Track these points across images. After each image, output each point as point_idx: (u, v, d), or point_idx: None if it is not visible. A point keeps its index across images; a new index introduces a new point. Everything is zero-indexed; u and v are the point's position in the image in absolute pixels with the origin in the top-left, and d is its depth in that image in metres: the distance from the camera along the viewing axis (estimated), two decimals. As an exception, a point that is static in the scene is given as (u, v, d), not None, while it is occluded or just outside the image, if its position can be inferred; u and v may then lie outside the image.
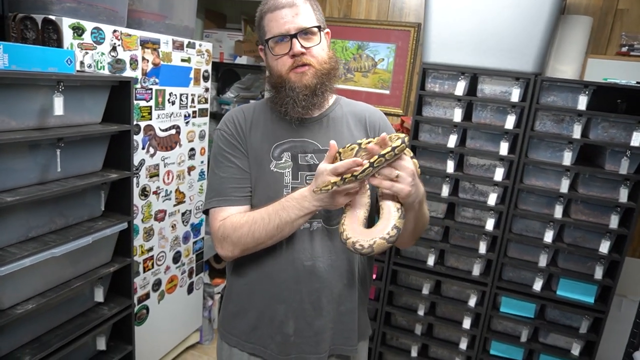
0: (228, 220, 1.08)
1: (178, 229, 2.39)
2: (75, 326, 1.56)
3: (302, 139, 1.14)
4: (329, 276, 1.13)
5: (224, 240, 1.08)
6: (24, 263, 1.30)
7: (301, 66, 1.08)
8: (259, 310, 1.16)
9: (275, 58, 1.09)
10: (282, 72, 1.09)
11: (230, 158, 1.14)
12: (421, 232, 1.14)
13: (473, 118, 2.12)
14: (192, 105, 2.34)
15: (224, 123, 1.18)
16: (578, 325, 2.08)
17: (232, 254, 1.10)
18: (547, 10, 1.89)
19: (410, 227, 1.06)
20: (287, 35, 1.06)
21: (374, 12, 2.70)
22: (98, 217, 1.65)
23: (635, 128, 1.85)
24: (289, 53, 1.07)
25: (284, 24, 1.06)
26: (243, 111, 1.19)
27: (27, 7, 1.63)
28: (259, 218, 1.05)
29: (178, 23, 2.29)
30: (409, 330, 2.39)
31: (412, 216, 1.03)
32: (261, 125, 1.16)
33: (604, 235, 1.97)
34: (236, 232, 1.06)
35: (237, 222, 1.07)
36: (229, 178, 1.13)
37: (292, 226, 1.03)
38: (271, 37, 1.08)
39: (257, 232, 1.04)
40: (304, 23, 1.07)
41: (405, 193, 0.93)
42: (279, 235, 1.05)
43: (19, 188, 1.34)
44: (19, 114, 1.30)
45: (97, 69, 1.74)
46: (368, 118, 1.20)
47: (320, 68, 1.09)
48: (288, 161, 1.13)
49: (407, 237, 1.12)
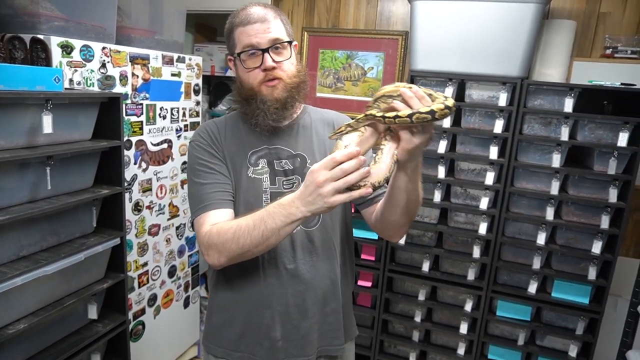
0: (214, 228, 1.06)
1: (173, 242, 2.38)
2: (69, 344, 1.55)
3: (275, 146, 1.17)
4: (312, 277, 1.15)
5: (209, 248, 1.05)
6: (15, 282, 1.30)
7: (272, 80, 1.10)
8: (245, 318, 1.16)
9: (247, 71, 1.11)
10: (254, 85, 1.11)
11: (209, 165, 1.14)
12: (413, 212, 1.06)
13: (462, 123, 2.14)
14: (183, 119, 2.35)
15: (197, 135, 1.18)
16: (574, 327, 2.09)
17: (218, 262, 1.06)
18: (530, 16, 1.92)
19: (402, 200, 1.00)
20: (258, 49, 1.08)
21: (362, 22, 2.73)
22: (90, 233, 1.65)
23: (622, 129, 1.87)
24: (260, 67, 1.09)
25: (255, 38, 1.08)
26: (215, 123, 1.20)
27: (15, 27, 1.65)
28: (244, 224, 1.01)
29: (167, 38, 2.31)
30: (407, 337, 2.39)
31: (404, 184, 0.97)
32: (235, 135, 1.18)
33: (596, 236, 1.98)
34: (220, 238, 1.03)
35: (222, 228, 1.04)
36: (211, 184, 1.12)
37: (278, 235, 0.98)
38: (243, 51, 1.10)
39: (241, 239, 1.00)
40: (274, 37, 1.09)
41: (418, 143, 0.88)
42: (264, 243, 1.00)
43: (9, 207, 1.34)
44: (7, 133, 1.31)
45: (87, 86, 1.75)
46: (335, 122, 1.24)
47: (290, 82, 1.12)
48: (265, 167, 1.15)
49: (398, 215, 1.05)
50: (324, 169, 0.89)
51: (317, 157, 1.17)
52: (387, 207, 1.06)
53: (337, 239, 1.20)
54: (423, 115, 0.83)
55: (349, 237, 1.27)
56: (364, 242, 2.35)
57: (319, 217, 1.16)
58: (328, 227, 1.17)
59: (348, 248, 1.26)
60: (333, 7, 2.77)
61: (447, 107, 0.83)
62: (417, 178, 0.98)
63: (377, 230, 1.18)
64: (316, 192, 0.90)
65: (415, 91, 0.87)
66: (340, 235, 1.21)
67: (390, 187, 1.02)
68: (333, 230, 1.19)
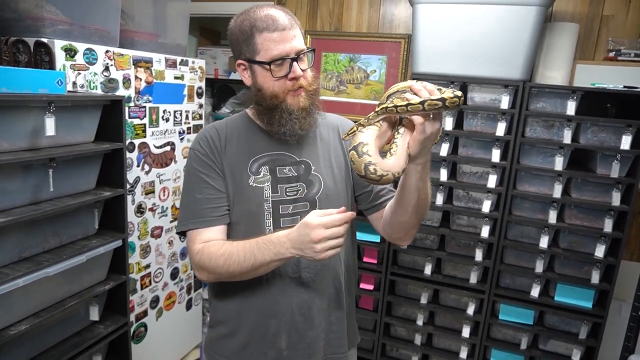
0: (206, 249, 1.08)
1: (175, 245, 2.39)
2: (70, 346, 1.55)
3: (278, 152, 1.15)
4: (316, 286, 1.14)
5: (201, 269, 1.10)
6: (18, 283, 1.31)
7: (298, 89, 1.09)
8: (250, 328, 1.15)
9: (275, 80, 1.08)
10: (279, 94, 1.09)
11: (204, 179, 1.13)
12: (423, 213, 1.06)
13: (464, 126, 2.14)
14: (186, 122, 2.36)
15: (197, 142, 1.17)
16: (577, 331, 2.07)
17: (208, 280, 1.12)
18: (532, 19, 1.92)
19: (413, 199, 1.01)
20: (287, 58, 1.06)
21: (365, 25, 2.73)
22: (92, 235, 1.66)
23: (625, 132, 1.86)
24: (288, 76, 1.08)
25: (284, 47, 1.06)
26: (216, 128, 1.19)
27: (19, 30, 1.66)
28: (234, 253, 1.04)
29: (171, 41, 2.32)
30: (409, 340, 2.38)
31: (415, 182, 0.98)
32: (235, 141, 1.16)
33: (599, 239, 1.97)
34: (211, 263, 1.07)
35: (214, 252, 1.07)
36: (205, 199, 1.12)
37: (267, 267, 1.03)
38: (272, 60, 1.06)
39: (231, 267, 1.05)
40: (300, 46, 1.08)
41: (430, 132, 0.89)
42: (253, 273, 1.05)
43: (12, 209, 1.35)
44: (10, 135, 1.32)
45: (90, 89, 1.77)
46: (340, 126, 1.24)
47: (310, 89, 1.12)
48: (267, 175, 1.13)
49: (408, 216, 1.05)
50: (323, 227, 0.94)
51: (321, 163, 1.17)
52: (398, 208, 1.06)
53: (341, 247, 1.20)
54: (434, 102, 0.86)
55: (353, 244, 1.26)
56: (366, 245, 2.34)
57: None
58: None
59: (352, 255, 1.26)
60: (336, 10, 2.77)
61: (456, 97, 0.87)
62: (426, 176, 1.00)
63: (386, 234, 1.17)
64: (310, 245, 0.95)
65: (425, 85, 0.90)
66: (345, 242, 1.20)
67: (400, 187, 1.03)
68: None
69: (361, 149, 0.91)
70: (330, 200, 1.15)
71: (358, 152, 0.91)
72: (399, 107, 0.89)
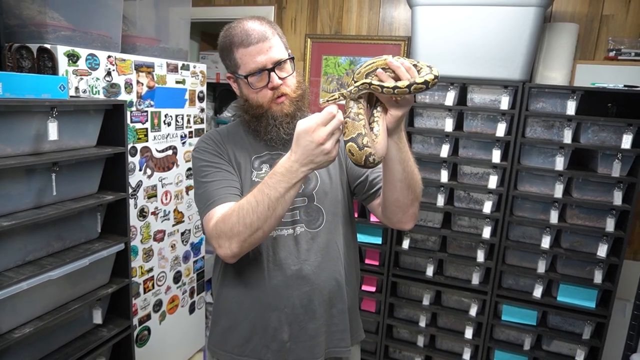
0: (219, 218, 1.04)
1: (178, 248, 2.40)
2: (74, 349, 1.56)
3: (277, 152, 1.18)
4: (317, 278, 1.16)
5: (219, 238, 1.02)
6: (21, 287, 1.32)
7: (280, 97, 1.13)
8: (251, 321, 1.17)
9: (255, 91, 1.13)
10: (263, 103, 1.14)
11: (215, 165, 1.15)
12: (415, 188, 1.08)
13: (464, 127, 2.14)
14: (188, 126, 2.38)
15: (201, 142, 1.20)
16: (580, 331, 2.07)
17: (230, 251, 1.02)
18: (531, 19, 1.93)
19: (399, 172, 1.03)
20: (264, 70, 1.10)
21: (364, 28, 2.75)
22: (95, 239, 1.67)
23: (625, 131, 1.86)
24: (267, 86, 1.12)
25: (260, 60, 1.10)
26: (218, 132, 1.23)
27: (23, 37, 1.69)
28: (245, 203, 0.99)
29: (172, 46, 2.34)
30: (411, 342, 2.38)
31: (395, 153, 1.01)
32: (238, 142, 1.21)
33: (601, 239, 1.97)
34: (227, 224, 1.00)
35: (226, 214, 1.02)
36: (217, 181, 1.12)
37: (284, 201, 0.97)
38: (249, 74, 1.11)
39: (247, 218, 0.97)
40: (278, 55, 1.11)
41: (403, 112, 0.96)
42: (272, 216, 0.97)
43: (15, 212, 1.36)
44: (14, 140, 1.34)
45: (92, 94, 1.79)
46: None
47: (295, 96, 1.15)
48: (268, 171, 1.14)
49: (399, 192, 1.07)
50: (322, 125, 0.90)
51: None
52: (388, 186, 1.08)
53: (341, 240, 1.21)
54: (419, 86, 0.91)
55: (353, 239, 1.28)
56: (368, 247, 2.35)
57: (322, 219, 1.18)
58: (332, 229, 1.19)
59: (353, 250, 1.27)
60: (336, 13, 2.79)
61: (435, 77, 0.93)
62: (405, 146, 1.03)
63: (387, 219, 1.17)
64: (318, 150, 0.91)
65: (402, 62, 0.93)
66: (344, 236, 1.23)
67: (384, 164, 1.05)
68: (336, 232, 1.20)
69: (361, 141, 0.93)
70: (327, 194, 1.18)
71: (359, 144, 0.93)
72: (385, 89, 0.92)
